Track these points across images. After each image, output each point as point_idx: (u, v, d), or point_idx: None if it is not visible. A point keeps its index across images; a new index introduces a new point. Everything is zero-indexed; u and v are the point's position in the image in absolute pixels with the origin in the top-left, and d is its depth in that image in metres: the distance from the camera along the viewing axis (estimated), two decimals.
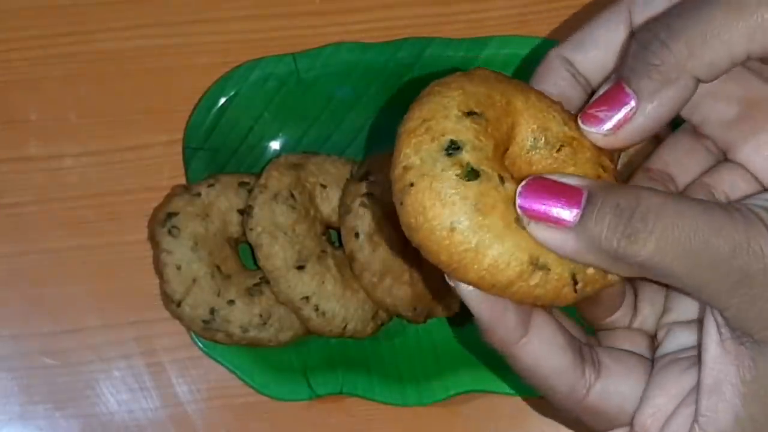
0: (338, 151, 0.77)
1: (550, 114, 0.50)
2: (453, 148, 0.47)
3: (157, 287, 0.75)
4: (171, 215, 0.73)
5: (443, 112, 0.47)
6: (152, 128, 0.78)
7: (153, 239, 0.74)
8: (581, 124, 0.50)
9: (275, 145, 0.78)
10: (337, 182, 0.75)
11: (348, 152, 0.78)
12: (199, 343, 0.75)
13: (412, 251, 0.50)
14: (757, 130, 0.53)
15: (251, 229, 0.73)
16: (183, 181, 0.77)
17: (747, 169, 0.53)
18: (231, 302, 0.73)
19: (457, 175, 0.46)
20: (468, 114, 0.47)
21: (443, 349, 0.76)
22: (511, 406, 0.76)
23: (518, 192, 0.46)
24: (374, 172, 0.73)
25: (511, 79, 0.50)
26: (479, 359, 0.75)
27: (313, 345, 0.76)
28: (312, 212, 0.74)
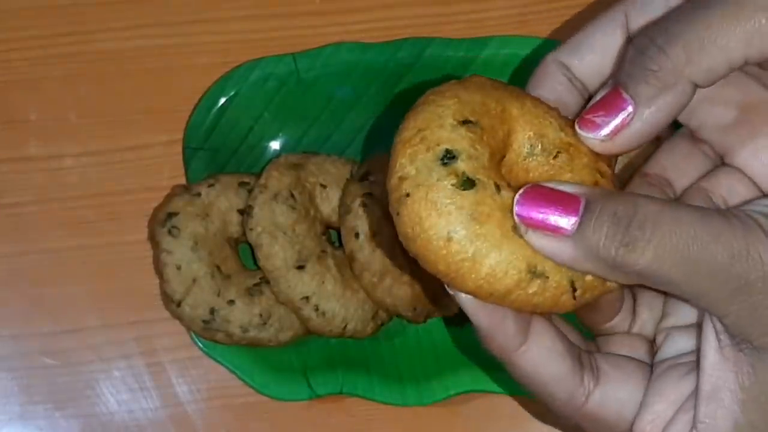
0: (338, 151, 0.77)
1: (546, 120, 0.49)
2: (448, 157, 0.46)
3: (157, 287, 0.75)
4: (171, 215, 0.73)
5: (438, 121, 0.47)
6: (152, 128, 0.78)
7: (153, 239, 0.74)
8: (578, 130, 0.50)
9: (275, 145, 0.78)
10: (337, 182, 0.75)
11: (348, 152, 0.78)
12: (199, 343, 0.75)
13: None
14: (755, 134, 0.53)
15: (251, 229, 0.73)
16: (183, 181, 0.77)
17: (745, 174, 0.53)
18: (231, 302, 0.73)
19: (453, 185, 0.46)
20: (463, 123, 0.47)
21: (443, 349, 0.76)
22: (511, 407, 0.76)
23: (515, 200, 0.46)
24: (374, 172, 0.73)
25: (506, 86, 0.50)
26: (479, 359, 0.75)
27: (313, 345, 0.75)
28: (312, 212, 0.74)
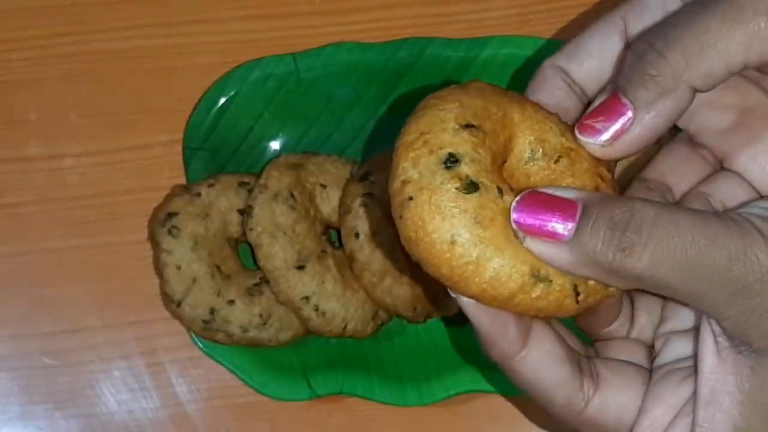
0: (338, 151, 0.77)
1: (546, 125, 0.49)
2: (451, 161, 0.46)
3: (157, 287, 0.75)
4: (171, 215, 0.73)
5: (440, 125, 0.47)
6: (152, 128, 0.78)
7: (153, 239, 0.74)
8: (578, 135, 0.50)
9: (275, 145, 0.78)
10: (337, 182, 0.75)
11: (348, 152, 0.78)
12: (199, 343, 0.75)
13: None
14: (754, 138, 0.53)
15: (251, 229, 0.73)
16: (183, 181, 0.77)
17: (744, 178, 0.53)
18: (231, 302, 0.73)
19: (457, 188, 0.46)
20: (465, 126, 0.47)
21: (443, 349, 0.76)
22: (511, 407, 0.76)
23: (512, 207, 0.46)
24: (374, 172, 0.73)
25: (506, 91, 0.50)
26: (479, 359, 0.75)
27: (313, 345, 0.76)
28: (312, 212, 0.74)
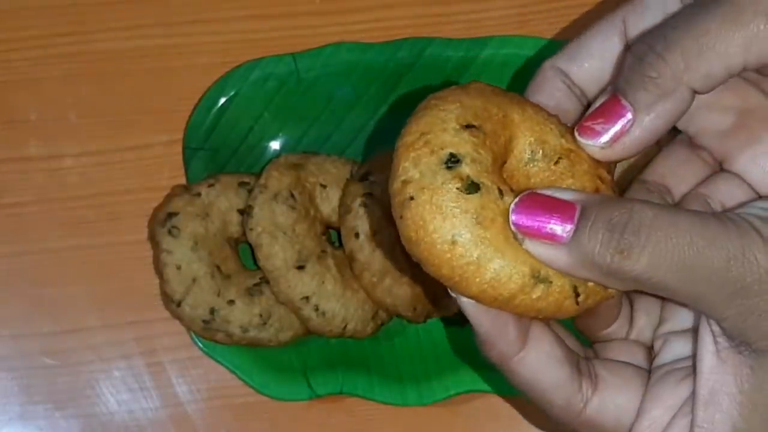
0: (338, 151, 0.77)
1: (547, 127, 0.49)
2: (452, 161, 0.46)
3: (157, 287, 0.75)
4: (171, 215, 0.73)
5: (441, 125, 0.47)
6: (152, 128, 0.78)
7: (153, 239, 0.74)
8: (578, 137, 0.50)
9: (275, 145, 0.78)
10: (337, 182, 0.75)
11: (348, 152, 0.78)
12: (199, 343, 0.75)
13: None
14: (753, 140, 0.53)
15: (251, 229, 0.73)
16: (183, 181, 0.77)
17: (743, 179, 0.53)
18: (231, 302, 0.73)
19: (458, 188, 0.46)
20: (466, 127, 0.47)
21: (443, 349, 0.76)
22: (510, 407, 0.76)
23: (511, 209, 0.46)
24: (374, 172, 0.73)
25: (506, 92, 0.50)
26: (479, 359, 0.74)
27: (313, 345, 0.76)
28: (312, 212, 0.74)
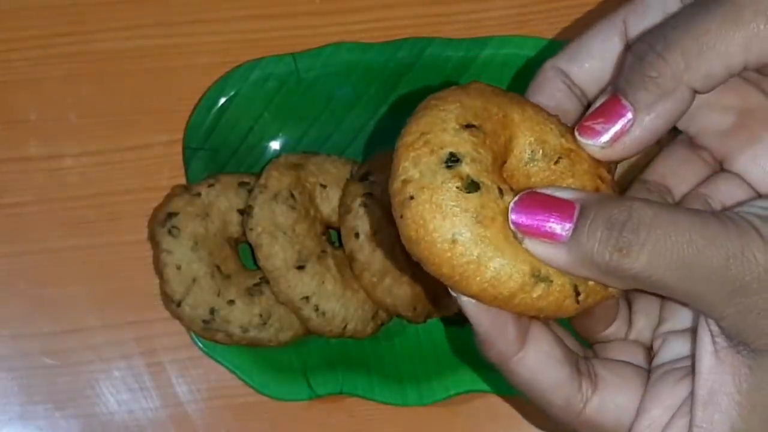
0: (338, 151, 0.77)
1: (547, 126, 0.49)
2: (452, 160, 0.46)
3: (157, 287, 0.75)
4: (171, 215, 0.73)
5: (441, 125, 0.47)
6: (152, 128, 0.78)
7: (153, 239, 0.74)
8: (578, 137, 0.50)
9: (275, 145, 0.78)
10: (337, 182, 0.75)
11: (348, 152, 0.78)
12: (199, 343, 0.75)
13: None
14: (754, 140, 0.53)
15: (251, 229, 0.73)
16: (183, 181, 0.77)
17: (744, 179, 0.53)
18: (231, 302, 0.73)
19: (458, 188, 0.46)
20: (466, 127, 0.47)
21: (443, 349, 0.76)
22: (510, 407, 0.76)
23: (510, 208, 0.46)
24: (374, 172, 0.73)
25: (506, 92, 0.50)
26: (479, 359, 0.74)
27: (313, 345, 0.76)
28: (312, 212, 0.74)
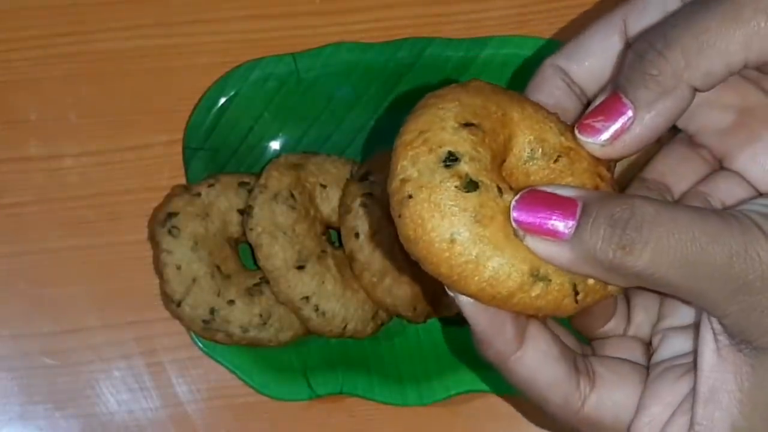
0: (338, 151, 0.77)
1: (546, 125, 0.49)
2: (451, 159, 0.46)
3: (157, 287, 0.75)
4: (171, 215, 0.73)
5: (440, 123, 0.47)
6: (152, 128, 0.78)
7: (153, 239, 0.74)
8: (578, 135, 0.50)
9: (275, 145, 0.78)
10: (337, 182, 0.75)
11: (348, 152, 0.78)
12: (199, 343, 0.75)
13: None
14: (754, 138, 0.53)
15: (251, 229, 0.73)
16: (183, 181, 0.77)
17: (743, 177, 0.53)
18: (231, 302, 0.73)
19: (456, 187, 0.46)
20: (465, 125, 0.47)
21: (443, 349, 0.76)
22: (510, 407, 0.76)
23: (512, 205, 0.46)
24: (374, 172, 0.73)
25: (506, 91, 0.50)
26: (479, 359, 0.74)
27: (313, 345, 0.75)
28: (312, 212, 0.74)
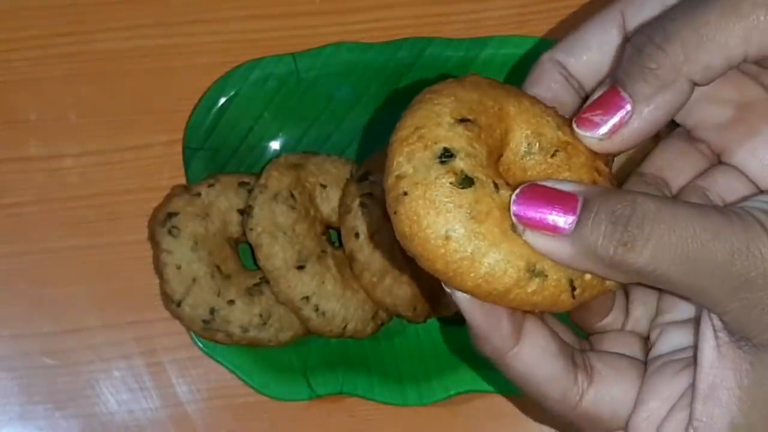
0: (338, 151, 0.77)
1: (543, 119, 0.49)
2: (446, 155, 0.46)
3: (157, 287, 0.75)
4: (171, 215, 0.73)
5: (435, 119, 0.47)
6: (152, 128, 0.78)
7: (153, 239, 0.74)
8: (576, 129, 0.49)
9: (275, 145, 0.78)
10: (337, 182, 0.75)
11: (348, 152, 0.78)
12: (199, 343, 0.75)
13: None
14: (752, 133, 0.53)
15: (251, 229, 0.73)
16: (183, 181, 0.77)
17: (742, 172, 0.53)
18: (231, 302, 0.73)
19: (451, 183, 0.46)
20: (461, 121, 0.47)
21: (443, 349, 0.76)
22: (511, 407, 0.76)
23: (512, 200, 0.46)
24: (374, 172, 0.73)
25: (503, 85, 0.49)
26: (479, 359, 0.74)
27: (313, 345, 0.75)
28: (312, 212, 0.74)
